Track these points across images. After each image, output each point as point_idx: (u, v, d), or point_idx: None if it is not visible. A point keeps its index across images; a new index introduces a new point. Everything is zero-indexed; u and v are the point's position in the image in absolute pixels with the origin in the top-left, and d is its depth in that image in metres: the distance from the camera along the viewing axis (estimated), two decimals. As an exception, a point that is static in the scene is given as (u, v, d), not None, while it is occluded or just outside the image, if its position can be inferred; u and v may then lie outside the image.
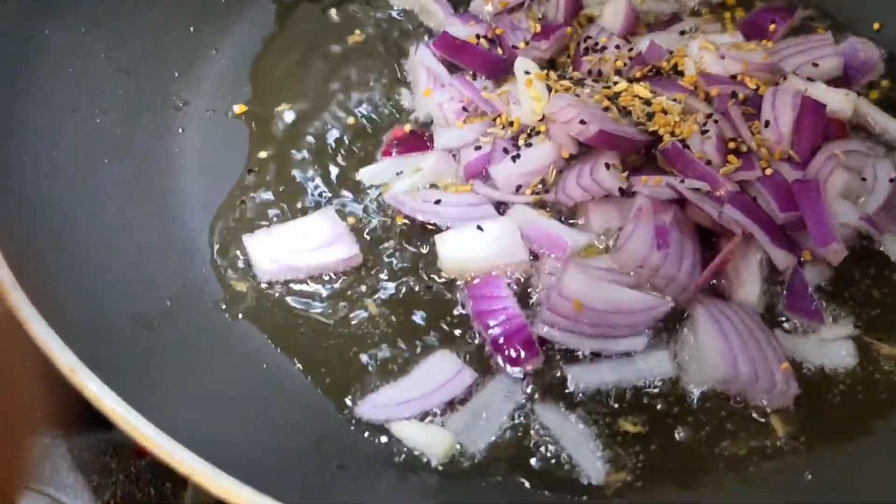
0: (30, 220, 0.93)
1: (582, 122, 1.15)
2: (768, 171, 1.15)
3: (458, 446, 0.95)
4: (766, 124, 1.20)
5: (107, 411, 0.70)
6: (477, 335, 1.05)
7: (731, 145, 1.17)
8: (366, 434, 0.95)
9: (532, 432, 0.97)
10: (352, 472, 0.87)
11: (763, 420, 0.99)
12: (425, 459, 0.93)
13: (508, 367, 1.01)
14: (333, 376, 1.01)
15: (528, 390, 1.00)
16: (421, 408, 0.97)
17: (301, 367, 1.01)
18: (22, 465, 0.82)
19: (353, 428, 0.95)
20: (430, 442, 0.94)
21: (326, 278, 1.10)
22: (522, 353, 1.02)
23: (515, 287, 1.09)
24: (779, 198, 1.11)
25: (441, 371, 1.00)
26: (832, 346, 1.06)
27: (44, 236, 0.94)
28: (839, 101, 1.25)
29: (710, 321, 1.04)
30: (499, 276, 1.09)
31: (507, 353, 1.02)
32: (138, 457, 0.95)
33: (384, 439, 0.95)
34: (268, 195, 1.19)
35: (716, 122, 1.19)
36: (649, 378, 1.02)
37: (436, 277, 1.11)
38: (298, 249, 1.10)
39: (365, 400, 0.98)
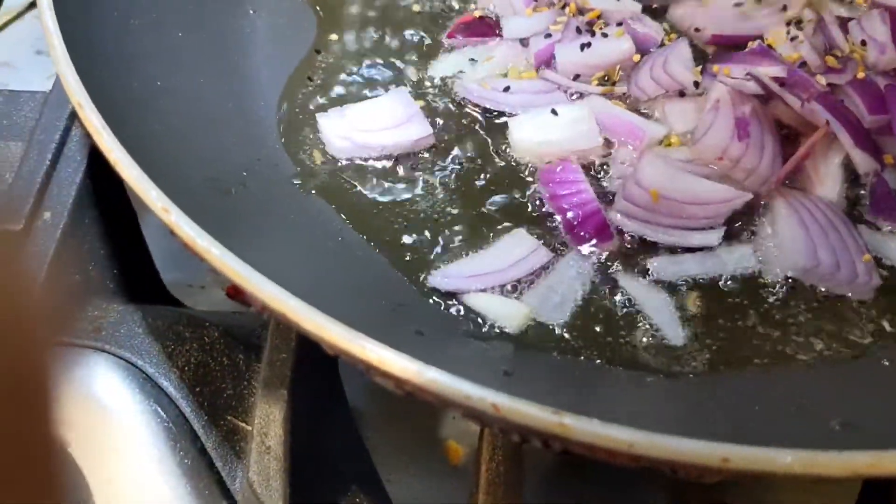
0: (113, 82, 0.93)
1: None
2: (861, 75, 1.11)
3: (534, 320, 0.94)
4: (864, 43, 1.15)
5: (200, 251, 0.70)
6: (550, 218, 1.03)
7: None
8: (441, 306, 0.95)
9: (611, 306, 0.96)
10: (430, 338, 0.87)
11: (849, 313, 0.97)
12: (501, 330, 0.93)
13: (583, 248, 1.00)
14: (407, 253, 1.00)
15: (604, 268, 0.99)
16: (494, 281, 0.96)
17: (374, 245, 1.01)
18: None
19: (430, 301, 0.95)
20: (505, 313, 0.93)
21: (398, 158, 1.09)
22: (596, 238, 1.00)
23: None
24: (868, 100, 1.07)
25: (517, 248, 0.98)
26: (918, 246, 1.03)
27: (124, 98, 0.93)
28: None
29: (791, 211, 1.01)
30: (572, 161, 1.06)
31: (581, 235, 1.00)
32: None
33: (460, 310, 0.94)
34: (337, 76, 1.18)
35: (799, 27, 1.16)
36: (731, 271, 1.00)
37: (508, 161, 1.09)
38: (371, 128, 1.09)
39: (439, 271, 0.97)
